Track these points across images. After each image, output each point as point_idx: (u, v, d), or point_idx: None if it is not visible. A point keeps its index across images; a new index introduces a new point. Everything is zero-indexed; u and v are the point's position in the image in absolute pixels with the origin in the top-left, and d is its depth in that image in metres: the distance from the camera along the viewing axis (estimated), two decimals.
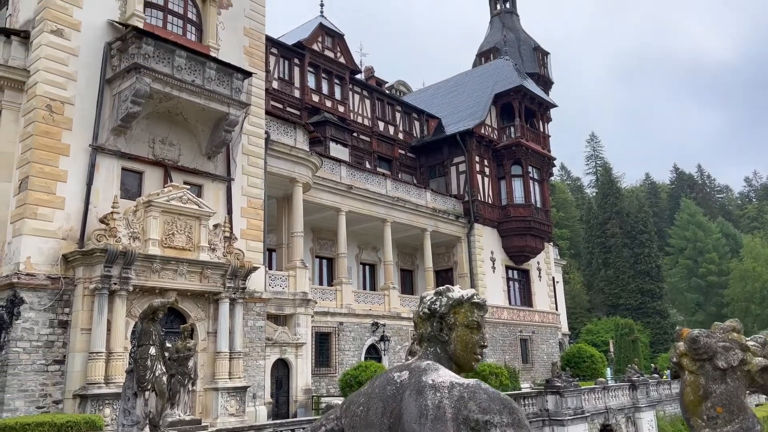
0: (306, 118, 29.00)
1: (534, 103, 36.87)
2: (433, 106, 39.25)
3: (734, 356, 2.62)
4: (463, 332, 2.42)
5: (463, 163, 33.92)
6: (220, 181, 18.55)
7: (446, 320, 2.43)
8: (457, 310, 2.44)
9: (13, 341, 13.60)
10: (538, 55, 46.16)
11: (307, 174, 23.17)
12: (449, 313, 2.44)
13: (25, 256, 14.15)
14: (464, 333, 2.42)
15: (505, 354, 31.96)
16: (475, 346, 2.43)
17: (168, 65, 16.31)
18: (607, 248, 64.26)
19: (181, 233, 16.03)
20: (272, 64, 28.56)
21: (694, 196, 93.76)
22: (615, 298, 61.62)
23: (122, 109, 15.91)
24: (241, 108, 18.00)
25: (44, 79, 15.21)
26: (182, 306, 16.13)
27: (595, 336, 46.31)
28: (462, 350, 2.41)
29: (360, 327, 25.47)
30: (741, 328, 2.75)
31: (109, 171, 16.02)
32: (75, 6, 16.06)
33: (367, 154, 33.33)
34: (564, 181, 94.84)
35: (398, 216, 28.91)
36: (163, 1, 18.11)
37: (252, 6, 20.66)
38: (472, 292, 2.53)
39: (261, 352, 18.65)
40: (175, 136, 17.58)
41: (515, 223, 34.03)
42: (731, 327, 2.69)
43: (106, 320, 14.28)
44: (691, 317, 70.05)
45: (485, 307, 2.50)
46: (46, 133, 14.99)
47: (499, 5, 49.57)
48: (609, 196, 67.75)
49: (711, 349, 2.60)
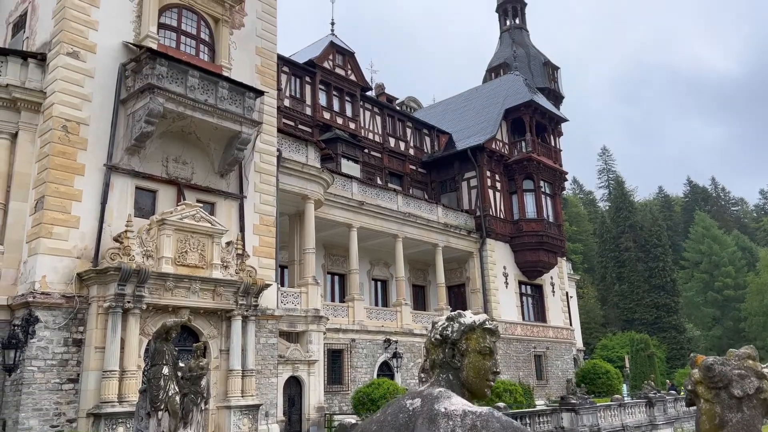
0: (317, 135, 29.20)
1: (545, 118, 36.86)
2: (444, 121, 39.37)
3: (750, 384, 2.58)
4: (476, 358, 2.41)
5: (475, 178, 33.90)
6: (233, 199, 18.67)
7: (458, 346, 2.43)
8: (469, 336, 2.44)
9: (28, 360, 13.69)
10: (548, 69, 46.21)
11: (319, 191, 23.27)
12: (461, 339, 2.43)
13: (41, 275, 14.28)
14: (476, 359, 2.41)
15: (519, 371, 31.65)
16: (487, 372, 2.42)
17: (181, 85, 16.53)
18: (620, 262, 63.71)
19: (194, 251, 16.13)
20: (284, 83, 28.85)
21: (709, 209, 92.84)
22: (630, 313, 60.94)
23: (136, 128, 16.11)
24: (253, 126, 18.16)
25: (60, 100, 15.45)
26: (195, 324, 16.17)
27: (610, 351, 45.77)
28: (474, 377, 2.40)
29: (372, 344, 25.37)
30: (756, 355, 2.71)
31: (123, 190, 16.19)
32: (91, 29, 16.36)
33: (378, 170, 33.43)
34: (576, 194, 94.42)
35: (410, 231, 28.90)
36: (177, 22, 18.40)
37: (264, 26, 20.92)
38: (484, 317, 2.52)
39: (273, 370, 18.61)
40: (188, 154, 17.75)
41: (528, 237, 33.87)
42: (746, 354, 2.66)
43: (119, 338, 14.34)
44: (708, 332, 69.07)
45: (498, 333, 2.50)
46: (61, 153, 15.20)
47: (509, 21, 49.79)
48: (622, 209, 67.32)
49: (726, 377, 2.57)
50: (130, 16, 17.26)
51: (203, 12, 18.88)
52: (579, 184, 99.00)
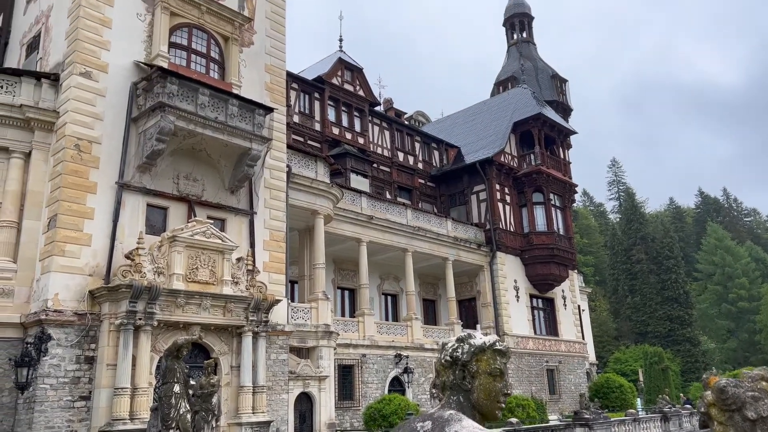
0: (327, 150, 29.34)
1: (553, 131, 36.85)
2: (452, 135, 39.45)
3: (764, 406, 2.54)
4: (486, 380, 2.41)
5: (484, 191, 33.87)
6: (243, 215, 18.76)
7: (468, 368, 2.42)
8: (479, 358, 2.44)
9: (41, 378, 13.75)
10: (556, 82, 46.27)
11: (328, 206, 23.33)
12: (471, 360, 2.43)
13: (53, 293, 14.38)
14: (487, 381, 2.41)
15: (532, 385, 31.36)
16: (498, 394, 2.41)
17: (192, 103, 16.70)
18: (632, 274, 63.19)
19: (204, 267, 16.19)
20: (293, 99, 29.07)
21: (721, 220, 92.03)
22: (643, 326, 60.32)
23: (147, 146, 16.27)
24: (263, 143, 18.28)
25: (73, 120, 15.65)
26: (206, 340, 16.20)
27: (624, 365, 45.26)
28: (485, 399, 2.40)
29: (383, 359, 25.26)
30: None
31: (135, 207, 16.32)
32: (103, 49, 16.61)
33: (387, 184, 33.50)
34: (587, 206, 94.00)
35: (419, 245, 28.87)
36: (187, 41, 18.63)
37: (272, 44, 21.14)
38: (494, 338, 2.52)
39: (284, 386, 18.56)
40: (199, 171, 17.89)
41: (538, 251, 33.71)
42: (760, 376, 2.62)
43: (131, 356, 14.38)
44: (723, 344, 68.19)
45: (508, 354, 2.49)
46: (74, 171, 15.37)
47: (516, 35, 49.99)
48: (633, 221, 66.89)
49: (740, 400, 2.54)
50: (141, 36, 17.51)
51: (213, 31, 19.12)
52: (589, 196, 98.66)
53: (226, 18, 19.26)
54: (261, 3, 21.10)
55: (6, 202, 15.40)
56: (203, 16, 18.80)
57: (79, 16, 16.40)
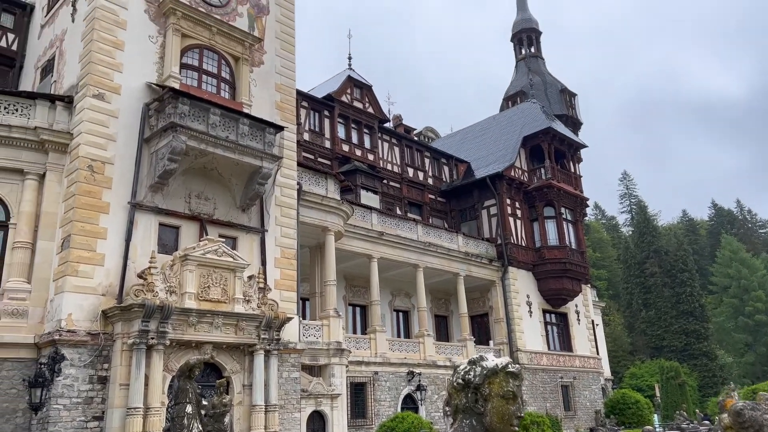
0: (337, 167, 29.46)
1: (564, 144, 36.79)
2: (462, 150, 39.50)
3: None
4: (499, 403, 2.38)
5: (494, 206, 33.81)
6: (254, 233, 18.83)
7: (481, 391, 2.40)
8: (492, 380, 2.41)
9: (54, 398, 13.79)
10: (565, 96, 46.27)
11: (339, 222, 23.37)
12: (484, 383, 2.41)
13: (67, 313, 14.47)
14: (500, 404, 2.38)
15: (546, 401, 30.99)
16: (511, 417, 2.38)
17: (203, 123, 16.86)
18: (646, 288, 62.51)
19: (216, 286, 16.23)
20: (303, 117, 29.29)
21: (735, 232, 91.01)
22: (658, 340, 59.52)
23: (159, 166, 16.42)
24: (273, 161, 18.39)
25: (86, 141, 15.85)
26: (218, 359, 16.19)
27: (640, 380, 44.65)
28: (498, 422, 2.37)
29: (395, 376, 25.09)
30: None
31: (147, 227, 16.43)
32: (116, 71, 16.85)
33: (397, 200, 33.54)
34: (599, 220, 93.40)
35: (430, 261, 28.79)
36: (198, 62, 18.87)
37: (283, 63, 21.35)
38: (507, 360, 2.50)
39: (296, 405, 18.48)
40: (210, 190, 18.01)
41: (550, 265, 33.50)
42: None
43: (143, 375, 14.38)
44: (741, 358, 67.07)
45: (521, 376, 2.47)
46: (87, 192, 15.53)
47: (524, 50, 50.14)
48: (646, 234, 66.30)
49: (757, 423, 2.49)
50: (153, 58, 17.76)
51: (224, 51, 19.35)
52: (601, 209, 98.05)
53: (236, 39, 19.51)
54: (271, 23, 21.37)
55: (21, 223, 15.57)
56: (214, 38, 19.05)
57: (93, 39, 16.68)
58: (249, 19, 20.57)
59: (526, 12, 51.88)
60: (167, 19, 18.16)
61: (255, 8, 20.95)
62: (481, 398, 2.39)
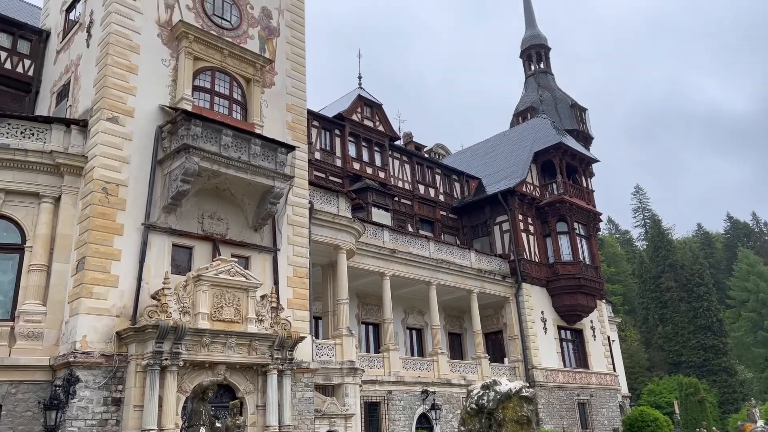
0: (348, 185, 29.56)
1: (575, 159, 36.70)
2: (473, 167, 39.50)
3: None
4: (514, 428, 2.37)
5: (507, 222, 33.68)
6: (267, 252, 18.88)
7: (495, 416, 2.39)
8: (505, 405, 2.40)
9: (69, 420, 13.81)
10: (576, 111, 46.26)
11: (351, 240, 23.38)
12: (497, 408, 2.39)
13: (81, 335, 14.53)
14: (514, 429, 2.36)
15: (563, 419, 30.55)
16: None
17: (215, 144, 17.03)
18: (662, 303, 61.76)
19: (229, 306, 16.25)
20: (314, 136, 29.49)
21: (752, 245, 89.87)
22: (676, 356, 58.65)
23: (173, 187, 16.57)
24: (285, 181, 18.50)
25: (100, 164, 16.05)
26: (231, 380, 16.16)
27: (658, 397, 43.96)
28: None
29: (409, 395, 24.89)
30: None
31: (161, 248, 16.53)
32: (129, 94, 17.10)
33: (409, 217, 33.53)
34: (613, 234, 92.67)
35: (443, 278, 28.67)
36: (210, 84, 19.11)
37: (293, 83, 21.56)
38: (521, 384, 2.48)
39: (310, 425, 18.35)
40: (223, 210, 18.13)
41: (564, 281, 33.23)
42: None
43: (157, 396, 14.38)
44: (761, 374, 65.79)
45: (535, 401, 2.45)
46: (101, 214, 15.68)
47: (533, 66, 50.31)
48: (660, 248, 65.70)
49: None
50: (166, 81, 18.01)
51: (235, 73, 19.59)
52: (614, 223, 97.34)
53: (247, 61, 19.75)
54: (281, 45, 21.62)
55: (36, 246, 15.73)
56: (225, 60, 19.30)
57: (107, 64, 16.96)
58: (260, 41, 20.85)
59: (534, 28, 52.15)
60: (180, 43, 18.44)
61: (266, 30, 21.24)
62: (495, 424, 2.38)
